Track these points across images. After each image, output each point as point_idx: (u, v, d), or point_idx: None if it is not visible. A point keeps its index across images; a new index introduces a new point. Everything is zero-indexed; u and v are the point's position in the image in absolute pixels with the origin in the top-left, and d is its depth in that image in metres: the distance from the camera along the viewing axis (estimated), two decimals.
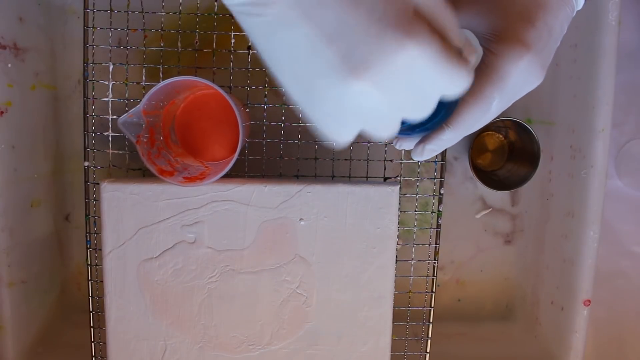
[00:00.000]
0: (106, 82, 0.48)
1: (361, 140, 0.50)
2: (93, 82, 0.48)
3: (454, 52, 0.24)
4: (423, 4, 0.23)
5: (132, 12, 0.48)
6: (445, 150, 0.48)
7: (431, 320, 0.50)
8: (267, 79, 0.49)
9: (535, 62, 0.30)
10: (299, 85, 0.24)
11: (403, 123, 0.34)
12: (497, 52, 0.30)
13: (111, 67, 0.48)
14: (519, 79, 0.30)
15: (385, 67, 0.22)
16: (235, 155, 0.42)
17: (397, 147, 0.37)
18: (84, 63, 0.47)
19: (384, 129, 0.26)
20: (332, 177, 0.49)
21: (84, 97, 0.48)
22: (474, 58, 0.25)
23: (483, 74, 0.30)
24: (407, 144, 0.36)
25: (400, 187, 0.46)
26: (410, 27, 0.22)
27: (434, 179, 0.50)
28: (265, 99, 0.49)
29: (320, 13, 0.22)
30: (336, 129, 0.26)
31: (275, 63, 0.25)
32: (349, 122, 0.25)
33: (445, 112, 0.32)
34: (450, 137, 0.32)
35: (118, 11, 0.47)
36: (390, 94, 0.23)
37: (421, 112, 0.26)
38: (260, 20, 0.23)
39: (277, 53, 0.24)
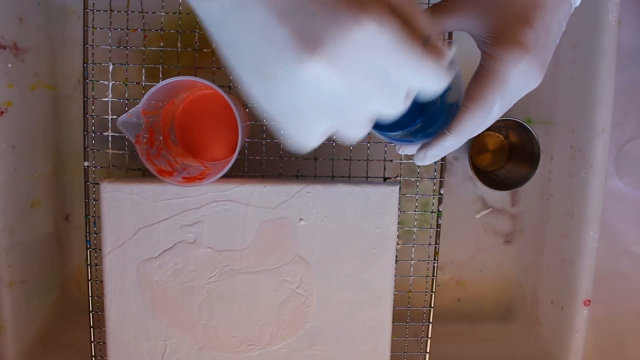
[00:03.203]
0: (106, 82, 0.48)
1: (361, 140, 0.50)
2: (93, 82, 0.48)
3: (419, 39, 0.22)
4: None
5: (132, 12, 0.48)
6: None
7: (431, 320, 0.50)
8: None
9: (535, 64, 0.30)
10: (257, 75, 0.23)
11: (388, 127, 0.34)
12: (496, 56, 0.30)
13: (111, 67, 0.48)
14: (518, 81, 0.30)
15: (340, 43, 0.21)
16: (235, 155, 0.42)
17: (400, 152, 0.37)
18: (84, 63, 0.47)
19: (352, 124, 0.24)
20: (332, 177, 0.49)
21: (84, 97, 0.48)
22: (446, 53, 0.24)
23: (483, 78, 0.30)
24: (409, 149, 0.36)
25: (400, 187, 0.46)
26: (369, 2, 0.21)
27: (434, 179, 0.50)
28: None
29: None
30: (300, 125, 0.24)
31: (232, 53, 0.23)
32: (312, 115, 0.23)
33: (446, 117, 0.31)
34: (452, 143, 0.32)
35: (118, 11, 0.47)
36: (349, 75, 0.22)
37: (390, 102, 0.23)
38: (215, 4, 0.22)
39: (233, 39, 0.23)
